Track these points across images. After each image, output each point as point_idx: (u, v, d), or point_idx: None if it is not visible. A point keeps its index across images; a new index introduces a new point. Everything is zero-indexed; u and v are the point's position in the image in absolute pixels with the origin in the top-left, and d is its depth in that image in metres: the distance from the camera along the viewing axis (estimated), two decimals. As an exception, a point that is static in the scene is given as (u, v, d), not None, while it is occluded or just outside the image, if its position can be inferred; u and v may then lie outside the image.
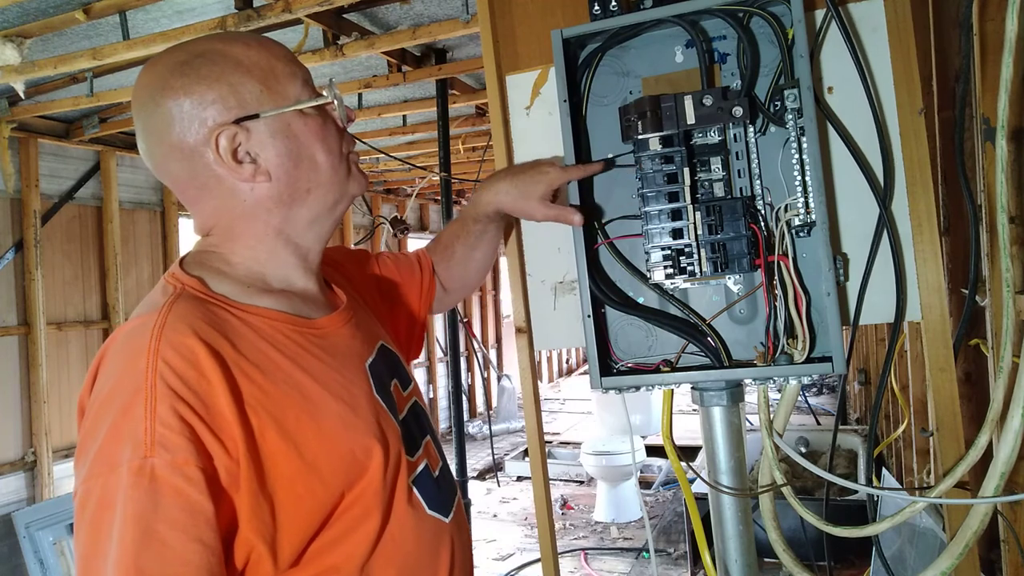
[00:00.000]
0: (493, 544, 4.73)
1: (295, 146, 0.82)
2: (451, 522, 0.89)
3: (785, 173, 1.02)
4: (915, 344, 2.10)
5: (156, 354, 0.69)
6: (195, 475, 0.66)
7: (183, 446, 0.66)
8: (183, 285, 0.79)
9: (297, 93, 0.83)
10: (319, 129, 0.84)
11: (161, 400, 0.67)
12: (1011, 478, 0.92)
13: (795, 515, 1.09)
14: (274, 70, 0.82)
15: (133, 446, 0.66)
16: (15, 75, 2.92)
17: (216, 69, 0.79)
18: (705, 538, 1.14)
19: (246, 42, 0.83)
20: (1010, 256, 0.96)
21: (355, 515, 0.78)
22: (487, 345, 9.06)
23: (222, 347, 0.73)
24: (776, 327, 1.00)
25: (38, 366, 4.24)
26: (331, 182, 0.85)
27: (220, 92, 0.79)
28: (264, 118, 0.80)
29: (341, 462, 0.77)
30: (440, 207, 4.13)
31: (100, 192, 4.66)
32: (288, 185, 0.82)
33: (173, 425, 0.67)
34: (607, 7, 1.04)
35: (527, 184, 1.07)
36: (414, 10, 2.84)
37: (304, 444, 0.74)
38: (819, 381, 7.73)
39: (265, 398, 0.73)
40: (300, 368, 0.78)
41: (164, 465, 0.66)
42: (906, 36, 1.02)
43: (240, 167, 0.80)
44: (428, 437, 0.94)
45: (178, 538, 0.65)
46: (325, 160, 0.84)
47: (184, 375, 0.69)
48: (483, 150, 5.10)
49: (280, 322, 0.80)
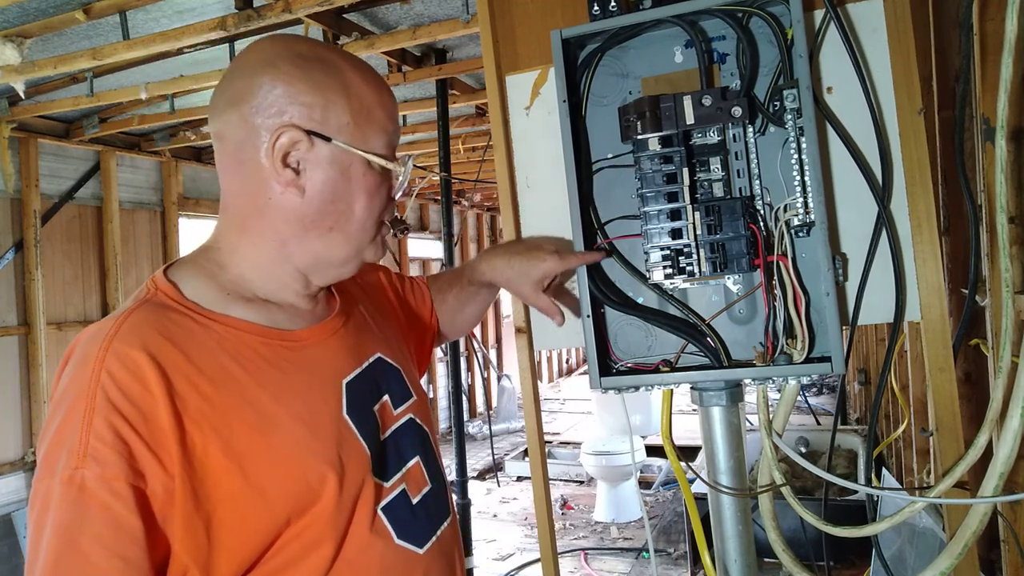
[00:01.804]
0: (493, 544, 4.73)
1: (343, 184, 0.81)
2: (426, 554, 0.84)
3: (784, 173, 1.02)
4: (915, 344, 2.10)
5: (101, 364, 0.69)
6: (124, 491, 0.66)
7: (114, 461, 0.66)
8: (156, 290, 0.79)
9: (376, 145, 0.83)
10: (373, 185, 0.83)
11: (98, 412, 0.67)
12: (1010, 478, 0.92)
13: (795, 515, 1.09)
14: (371, 114, 0.82)
15: (67, 455, 0.67)
16: (15, 75, 2.92)
17: (325, 80, 0.80)
18: (705, 538, 1.14)
19: (367, 77, 0.84)
20: (1010, 256, 0.96)
21: (304, 543, 0.75)
22: (487, 345, 9.06)
23: (172, 359, 0.72)
24: (775, 327, 1.00)
25: (38, 366, 4.25)
26: (354, 235, 0.84)
27: (314, 100, 0.79)
28: (334, 145, 0.80)
29: (291, 486, 0.74)
30: (440, 207, 4.13)
31: (100, 192, 4.67)
32: (316, 212, 0.81)
33: (107, 439, 0.66)
34: (606, 7, 1.04)
35: (523, 267, 1.07)
36: (414, 10, 2.84)
37: (251, 464, 0.72)
38: (819, 381, 7.73)
39: (212, 412, 0.72)
40: (259, 383, 0.76)
41: (93, 478, 0.65)
42: (906, 36, 1.02)
43: (282, 170, 0.79)
44: (416, 459, 0.90)
45: (100, 553, 0.64)
46: (360, 213, 0.83)
47: (126, 388, 0.68)
48: (483, 150, 5.11)
49: (249, 333, 0.79)
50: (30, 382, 4.26)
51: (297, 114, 0.78)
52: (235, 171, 0.82)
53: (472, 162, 5.43)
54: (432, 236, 8.27)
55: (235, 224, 0.84)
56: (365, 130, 0.81)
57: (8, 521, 3.94)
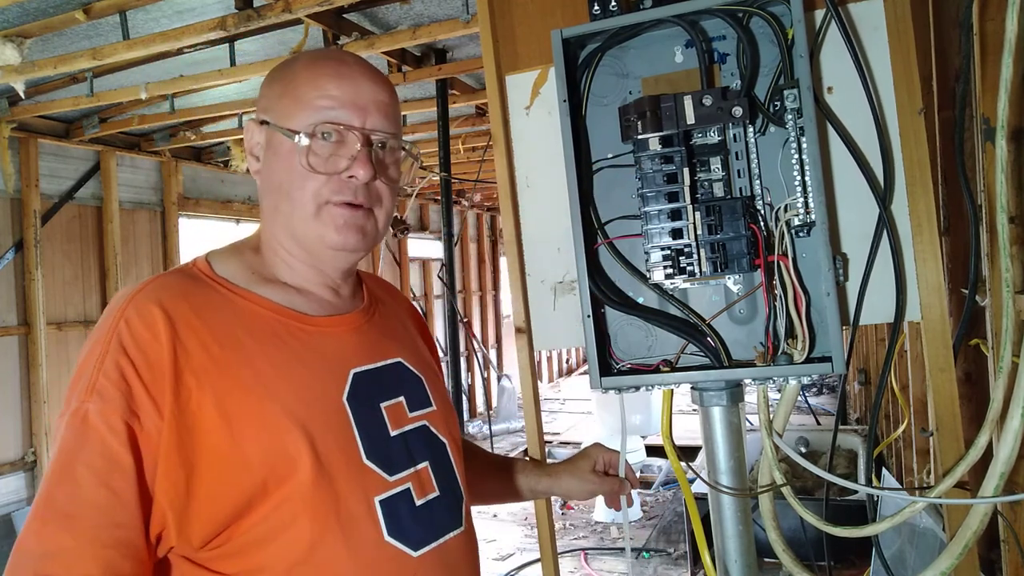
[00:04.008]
0: (493, 544, 4.73)
1: (275, 162, 0.87)
2: (419, 558, 0.83)
3: (785, 173, 1.02)
4: (915, 344, 2.10)
5: (122, 313, 0.76)
6: (119, 426, 0.71)
7: (115, 398, 0.72)
8: (192, 265, 0.87)
9: (297, 121, 0.85)
10: (292, 159, 0.85)
11: (111, 354, 0.74)
12: (1011, 478, 0.92)
13: (795, 515, 1.09)
14: (297, 92, 0.86)
15: (80, 390, 0.73)
16: (15, 75, 2.92)
17: (277, 72, 0.90)
18: (705, 538, 1.13)
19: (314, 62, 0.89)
20: (1010, 256, 0.95)
21: (282, 517, 0.77)
22: (487, 345, 9.06)
23: (184, 315, 0.78)
24: (776, 327, 1.00)
25: (38, 366, 4.25)
26: (291, 212, 0.86)
27: (265, 92, 0.90)
28: (265, 126, 0.88)
29: (270, 451, 0.76)
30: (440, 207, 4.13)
31: (100, 192, 4.67)
32: (265, 191, 0.90)
33: (112, 377, 0.73)
34: (607, 7, 1.04)
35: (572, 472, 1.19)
36: (414, 10, 2.84)
37: (239, 424, 0.76)
38: (819, 381, 7.73)
39: (214, 369, 0.76)
40: (265, 354, 0.81)
41: (95, 412, 0.72)
42: (906, 36, 1.02)
43: (251, 159, 0.91)
44: (426, 464, 0.89)
45: (90, 480, 0.70)
46: (285, 187, 0.86)
47: (137, 335, 0.75)
48: (483, 150, 5.11)
49: (266, 310, 0.84)
50: (30, 382, 4.26)
51: (260, 107, 0.90)
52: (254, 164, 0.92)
53: (472, 162, 5.43)
54: (432, 236, 8.27)
55: (265, 212, 0.92)
56: (291, 108, 0.86)
57: (8, 521, 3.94)
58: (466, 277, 9.07)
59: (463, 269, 8.99)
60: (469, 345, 8.20)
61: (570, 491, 1.18)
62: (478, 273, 9.44)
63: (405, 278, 7.74)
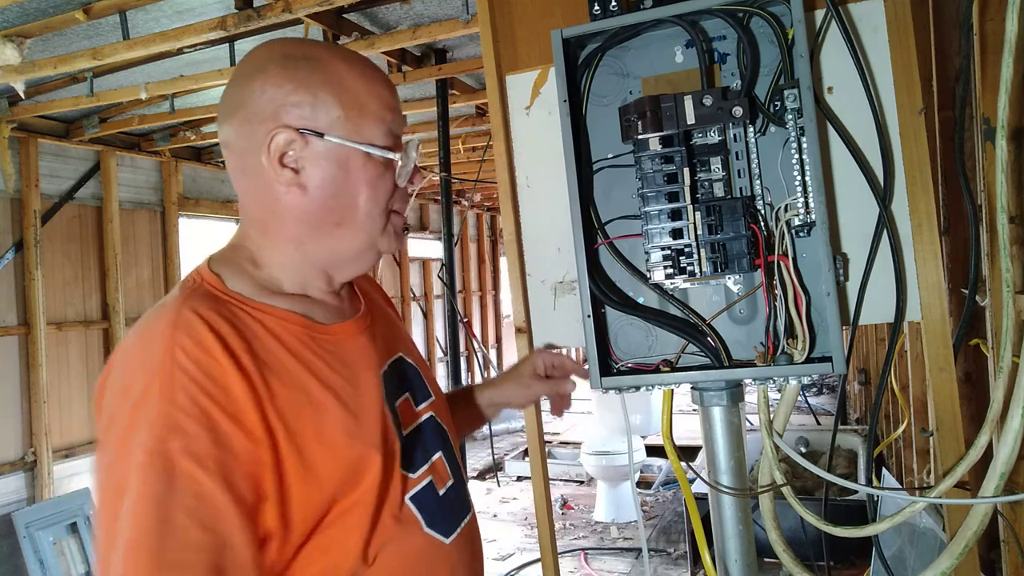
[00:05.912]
0: (493, 544, 4.73)
1: (343, 179, 0.82)
2: (451, 544, 0.86)
3: (785, 173, 1.02)
4: (915, 344, 2.10)
5: (172, 342, 0.70)
6: (209, 462, 0.67)
7: (197, 432, 0.67)
8: (202, 280, 0.81)
9: (373, 136, 0.82)
10: (374, 176, 0.83)
11: (177, 386, 0.68)
12: (1011, 478, 0.92)
13: (795, 515, 1.09)
14: (364, 105, 0.82)
15: (148, 430, 0.67)
16: (15, 75, 2.92)
17: (312, 77, 0.80)
18: (705, 538, 1.14)
19: (357, 68, 0.83)
20: (1010, 256, 0.95)
21: (347, 525, 0.77)
22: (487, 345, 9.06)
23: (234, 341, 0.73)
24: (776, 327, 1.00)
25: (38, 366, 4.25)
26: (363, 227, 0.84)
27: (302, 98, 0.79)
28: (327, 141, 0.80)
29: (338, 469, 0.76)
30: (440, 207, 4.13)
31: (100, 192, 4.67)
32: (320, 208, 0.82)
33: (189, 410, 0.68)
34: (607, 7, 1.04)
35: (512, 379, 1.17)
36: (414, 10, 2.84)
37: (305, 446, 0.74)
38: (819, 381, 7.73)
39: (272, 396, 0.73)
40: (308, 371, 0.78)
41: (179, 450, 0.66)
42: (906, 36, 1.02)
43: (281, 170, 0.80)
44: (439, 454, 0.92)
45: (189, 524, 0.65)
46: (365, 205, 0.83)
47: (201, 362, 0.70)
48: (483, 150, 5.11)
49: (291, 323, 0.81)
50: (30, 382, 4.26)
51: (288, 114, 0.79)
52: (244, 177, 0.84)
53: (472, 162, 5.43)
54: (432, 236, 8.27)
55: (256, 227, 0.85)
56: (358, 122, 0.81)
57: (8, 521, 3.94)
58: (466, 277, 9.07)
59: (463, 269, 8.99)
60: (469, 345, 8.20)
61: (511, 398, 1.17)
62: (478, 273, 9.44)
63: (405, 278, 7.75)
